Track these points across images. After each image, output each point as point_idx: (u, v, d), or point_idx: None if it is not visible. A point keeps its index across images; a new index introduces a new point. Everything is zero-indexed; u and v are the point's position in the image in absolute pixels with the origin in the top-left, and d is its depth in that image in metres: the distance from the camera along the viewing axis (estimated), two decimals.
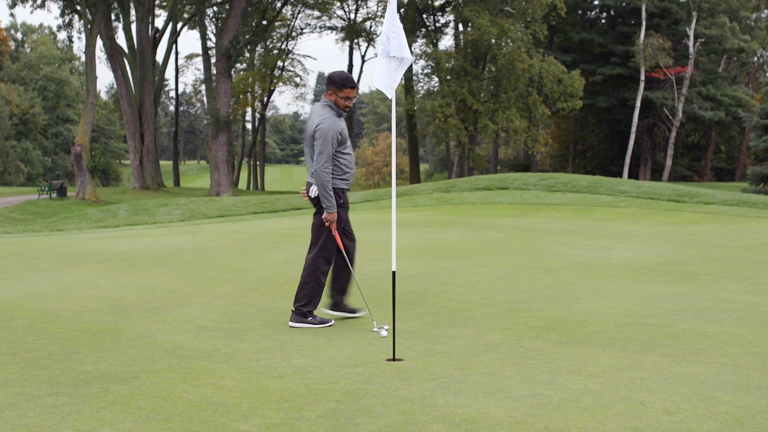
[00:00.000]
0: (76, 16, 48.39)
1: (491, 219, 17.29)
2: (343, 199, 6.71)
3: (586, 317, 6.80)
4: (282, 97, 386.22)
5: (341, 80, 6.58)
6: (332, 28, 65.19)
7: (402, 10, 48.77)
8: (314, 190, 6.59)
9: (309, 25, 66.63)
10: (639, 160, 58.47)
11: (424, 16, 55.94)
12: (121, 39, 52.93)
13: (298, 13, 64.02)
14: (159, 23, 58.89)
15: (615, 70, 54.76)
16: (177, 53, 69.74)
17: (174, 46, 61.59)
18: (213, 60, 52.37)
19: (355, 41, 63.83)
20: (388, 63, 6.06)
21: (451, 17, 56.43)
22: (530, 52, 45.65)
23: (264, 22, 58.14)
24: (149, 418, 4.27)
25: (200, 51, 54.68)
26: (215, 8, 61.28)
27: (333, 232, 6.61)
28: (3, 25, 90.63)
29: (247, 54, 57.85)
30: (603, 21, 62.07)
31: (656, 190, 21.47)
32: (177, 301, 7.80)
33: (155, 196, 42.14)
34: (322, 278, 6.72)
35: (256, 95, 63.84)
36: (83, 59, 66.24)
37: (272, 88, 64.18)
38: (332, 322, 6.72)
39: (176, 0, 55.47)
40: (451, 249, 11.79)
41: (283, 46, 65.77)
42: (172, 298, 7.97)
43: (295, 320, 6.64)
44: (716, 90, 55.21)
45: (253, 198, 27.45)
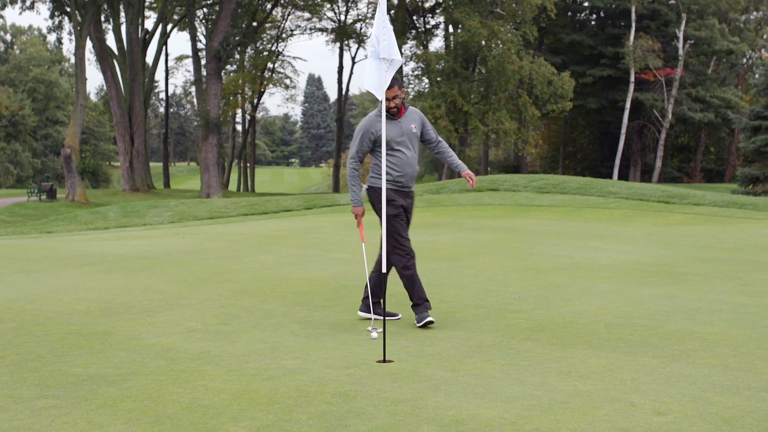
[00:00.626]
0: (66, 18, 48.20)
1: (481, 220, 17.29)
2: (393, 198, 6.72)
3: (577, 318, 6.80)
4: (272, 99, 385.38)
5: None
6: (322, 30, 65.15)
7: (392, 12, 48.79)
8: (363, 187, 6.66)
9: (299, 27, 66.57)
10: (629, 162, 58.63)
11: (414, 18, 55.94)
12: (111, 41, 52.80)
13: (289, 15, 63.99)
14: (149, 25, 58.73)
15: (605, 72, 54.91)
16: (167, 55, 69.55)
17: (164, 48, 61.49)
18: (203, 61, 52.21)
19: (346, 43, 63.77)
20: (378, 65, 6.05)
21: (441, 19, 56.47)
22: (520, 54, 45.72)
23: (254, 24, 58.08)
24: (139, 421, 4.26)
25: (190, 52, 54.50)
26: (205, 10, 61.15)
27: (358, 226, 6.80)
28: None
29: (238, 55, 57.81)
30: (593, 23, 62.23)
31: (646, 192, 21.54)
32: (167, 303, 7.78)
33: (145, 198, 41.99)
34: (407, 271, 6.74)
35: (247, 97, 63.75)
36: (73, 61, 66.02)
37: (262, 90, 64.12)
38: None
39: (166, 1, 55.35)
40: (442, 250, 11.78)
41: (274, 48, 65.74)
42: (162, 300, 7.95)
43: (425, 317, 6.61)
44: (706, 91, 55.42)
45: (244, 200, 27.38)
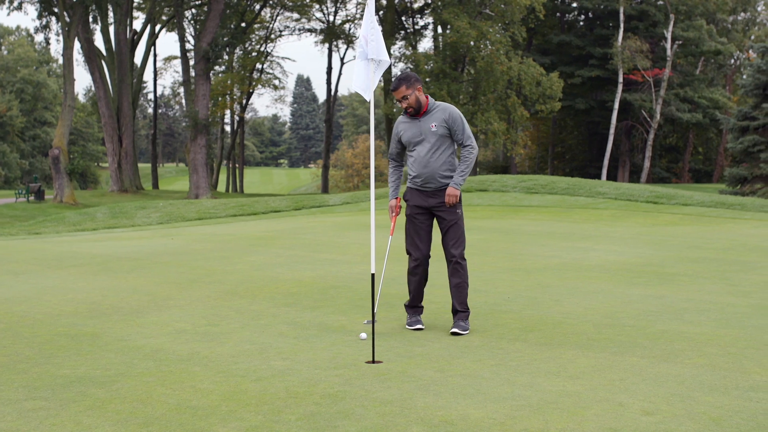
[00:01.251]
0: (54, 19, 48.02)
1: (470, 221, 17.29)
2: (408, 198, 6.71)
3: (566, 319, 6.82)
4: (261, 100, 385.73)
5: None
6: (311, 31, 65.11)
7: (381, 13, 48.81)
8: None
9: (288, 28, 66.55)
10: (617, 162, 58.79)
11: (403, 19, 55.96)
12: (99, 41, 52.58)
13: (277, 16, 63.93)
14: (137, 25, 58.31)
15: (593, 72, 55.02)
16: (155, 55, 69.43)
17: (152, 49, 61.33)
18: (192, 62, 52.12)
19: (334, 43, 63.74)
20: (366, 65, 6.05)
21: (430, 20, 56.52)
22: (509, 55, 45.76)
23: (243, 25, 57.95)
24: (128, 422, 4.25)
25: (179, 53, 54.41)
26: (194, 10, 61.05)
27: (391, 219, 6.77)
28: None
29: (226, 56, 57.65)
30: (581, 23, 62.34)
31: (634, 192, 21.61)
32: (156, 305, 7.76)
33: (134, 199, 41.88)
34: (409, 275, 6.88)
35: (235, 97, 63.60)
36: (61, 62, 65.83)
37: (251, 91, 64.00)
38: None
39: (155, 2, 55.21)
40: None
41: (262, 49, 65.67)
42: (151, 302, 7.93)
43: (415, 323, 6.57)
44: (694, 92, 55.62)
45: (232, 200, 27.35)
